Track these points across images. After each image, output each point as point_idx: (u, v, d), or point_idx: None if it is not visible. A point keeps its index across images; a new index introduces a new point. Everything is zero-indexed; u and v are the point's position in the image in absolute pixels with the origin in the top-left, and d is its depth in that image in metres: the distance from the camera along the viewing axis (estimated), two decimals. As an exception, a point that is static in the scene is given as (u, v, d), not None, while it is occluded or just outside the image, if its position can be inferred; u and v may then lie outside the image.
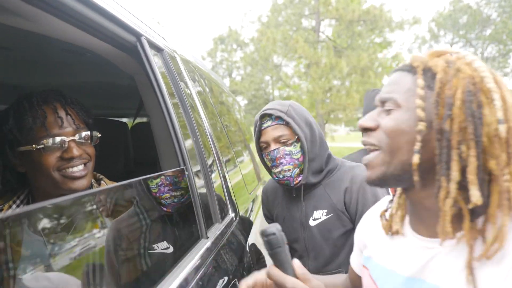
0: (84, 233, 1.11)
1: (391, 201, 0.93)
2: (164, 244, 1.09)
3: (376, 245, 0.95)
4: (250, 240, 1.79)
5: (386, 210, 0.95)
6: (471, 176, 0.69)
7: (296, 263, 0.85)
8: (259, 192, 2.94)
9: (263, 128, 1.51)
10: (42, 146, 1.18)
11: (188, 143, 1.40)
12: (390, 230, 0.90)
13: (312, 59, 18.25)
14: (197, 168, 1.41)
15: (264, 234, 0.85)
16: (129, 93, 2.21)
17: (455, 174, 0.71)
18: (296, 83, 22.85)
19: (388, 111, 0.80)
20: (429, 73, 0.76)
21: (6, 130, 1.21)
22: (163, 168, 1.48)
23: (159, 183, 1.07)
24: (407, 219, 0.88)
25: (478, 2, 22.90)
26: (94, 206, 0.90)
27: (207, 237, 1.28)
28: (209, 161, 1.57)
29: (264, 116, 1.51)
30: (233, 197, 1.75)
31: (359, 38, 20.05)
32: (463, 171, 0.70)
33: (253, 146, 3.74)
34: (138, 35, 1.27)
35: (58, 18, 1.03)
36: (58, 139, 1.20)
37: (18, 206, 1.26)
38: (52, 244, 1.13)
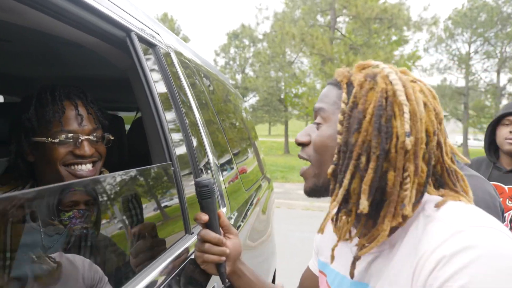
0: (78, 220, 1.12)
1: None
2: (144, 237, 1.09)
3: (330, 250, 0.96)
4: (241, 234, 1.80)
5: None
6: (365, 187, 0.73)
7: (222, 214, 1.09)
8: (263, 186, 2.95)
9: None
10: (57, 140, 1.21)
11: (178, 139, 1.41)
12: (343, 237, 0.91)
13: (329, 56, 18.09)
14: (186, 164, 1.41)
15: (197, 185, 1.04)
16: (129, 87, 2.23)
17: (346, 182, 0.75)
18: (311, 79, 22.72)
19: (318, 126, 0.85)
20: (350, 87, 0.80)
21: (25, 118, 1.24)
22: (154, 163, 1.49)
23: (71, 216, 1.02)
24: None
25: (496, 0, 22.45)
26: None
27: (192, 233, 1.29)
28: (201, 158, 1.58)
29: None
30: (225, 193, 1.76)
31: (376, 36, 19.85)
32: (360, 180, 0.74)
33: (257, 143, 3.74)
34: (127, 30, 1.28)
35: (45, 14, 1.04)
36: (73, 135, 1.23)
37: None
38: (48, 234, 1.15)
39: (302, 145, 0.88)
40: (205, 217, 1.06)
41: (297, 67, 24.35)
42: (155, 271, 1.01)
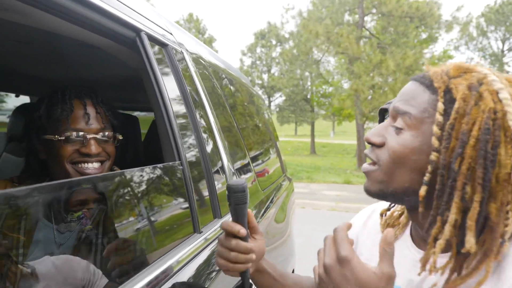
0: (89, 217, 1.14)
1: None
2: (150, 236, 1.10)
3: (371, 249, 0.92)
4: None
5: (388, 209, 0.94)
6: (470, 222, 0.65)
7: (251, 214, 0.97)
8: (283, 186, 2.93)
9: None
10: (63, 137, 1.25)
11: (189, 140, 1.41)
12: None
13: (356, 54, 17.79)
14: (197, 164, 1.41)
15: (231, 190, 0.92)
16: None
17: (453, 217, 0.67)
18: (337, 78, 22.46)
19: (398, 130, 0.75)
20: (448, 95, 0.70)
21: (36, 117, 1.29)
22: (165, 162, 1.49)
23: (81, 216, 1.07)
24: (408, 228, 0.87)
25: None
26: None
27: (200, 232, 1.28)
28: (215, 159, 1.57)
29: None
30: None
31: (403, 35, 19.41)
32: (463, 212, 0.67)
33: (278, 143, 3.72)
34: (137, 30, 1.28)
35: (54, 15, 1.05)
36: (80, 133, 1.27)
37: None
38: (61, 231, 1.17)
39: (373, 145, 0.80)
40: (242, 230, 0.91)
41: (324, 66, 24.14)
42: (160, 268, 1.01)
